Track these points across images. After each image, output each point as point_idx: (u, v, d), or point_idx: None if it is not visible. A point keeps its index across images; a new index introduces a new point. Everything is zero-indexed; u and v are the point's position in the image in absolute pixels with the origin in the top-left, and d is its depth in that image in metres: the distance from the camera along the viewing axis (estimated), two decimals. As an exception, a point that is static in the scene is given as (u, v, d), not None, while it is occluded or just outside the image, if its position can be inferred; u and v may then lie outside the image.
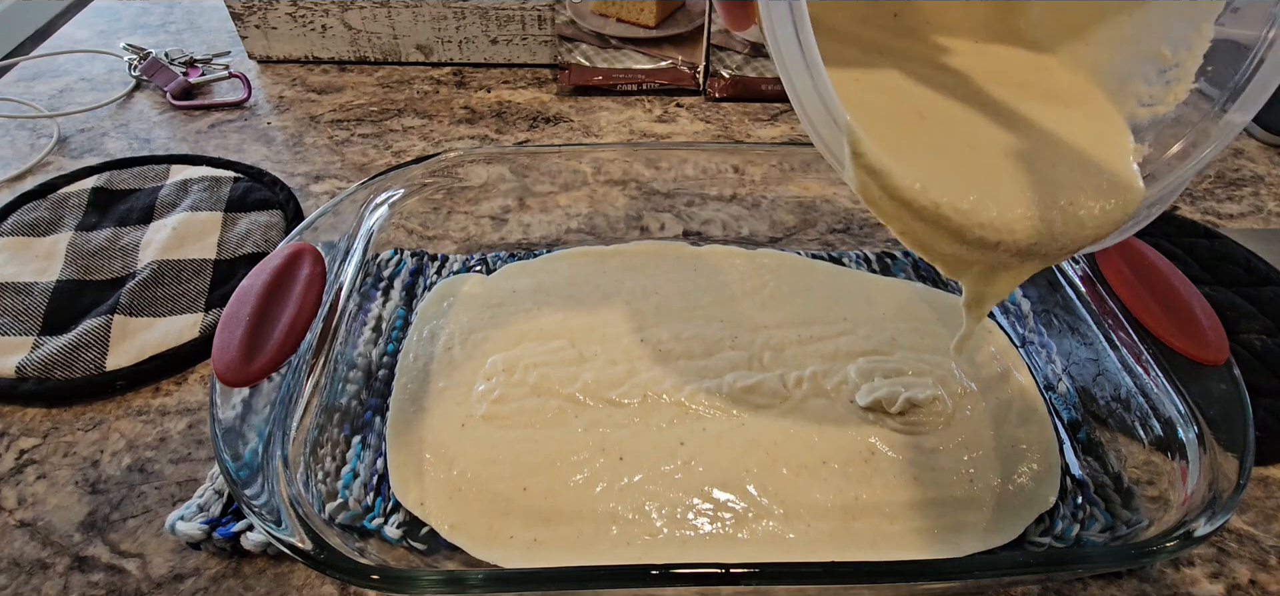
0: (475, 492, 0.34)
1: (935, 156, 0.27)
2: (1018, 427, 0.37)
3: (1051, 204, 0.26)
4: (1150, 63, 0.29)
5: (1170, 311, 0.34)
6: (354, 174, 0.57)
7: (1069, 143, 0.28)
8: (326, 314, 0.35)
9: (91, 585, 0.33)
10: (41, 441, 0.39)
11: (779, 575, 0.26)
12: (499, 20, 0.67)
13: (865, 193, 0.25)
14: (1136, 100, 0.29)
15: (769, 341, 0.42)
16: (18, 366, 0.41)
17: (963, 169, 0.27)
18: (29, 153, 0.59)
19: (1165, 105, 0.28)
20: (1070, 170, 0.27)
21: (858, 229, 0.50)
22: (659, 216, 0.49)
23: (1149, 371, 0.34)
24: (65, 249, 0.48)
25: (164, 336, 0.43)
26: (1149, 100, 0.29)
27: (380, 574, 0.27)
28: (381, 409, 0.38)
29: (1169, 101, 0.28)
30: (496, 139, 0.61)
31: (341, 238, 0.39)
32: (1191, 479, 0.30)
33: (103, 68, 0.70)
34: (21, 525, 0.35)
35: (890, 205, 0.25)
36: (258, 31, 0.68)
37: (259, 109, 0.64)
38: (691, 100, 0.66)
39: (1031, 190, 0.26)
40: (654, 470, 0.35)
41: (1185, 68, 0.27)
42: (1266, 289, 0.46)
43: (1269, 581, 0.34)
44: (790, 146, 0.48)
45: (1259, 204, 0.56)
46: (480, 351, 0.41)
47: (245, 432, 0.30)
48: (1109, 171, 0.27)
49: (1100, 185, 0.27)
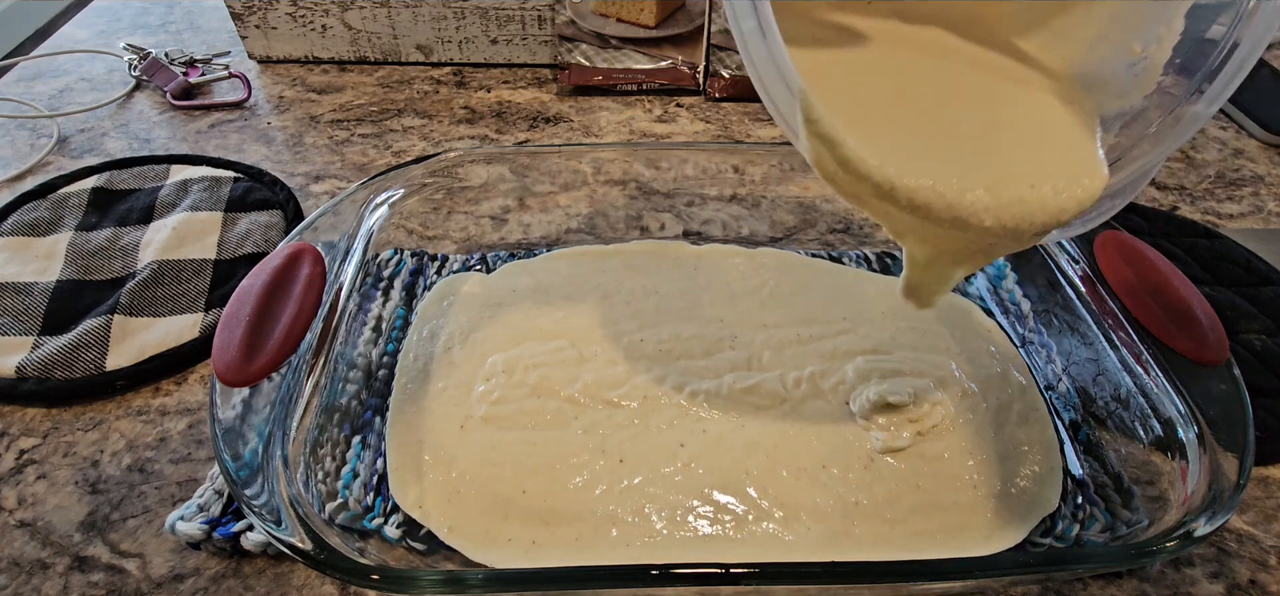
0: (474, 494, 0.34)
1: (898, 133, 0.27)
2: (1018, 428, 0.37)
3: (1011, 186, 0.26)
4: (1121, 56, 0.29)
5: (1170, 311, 0.34)
6: (354, 174, 0.57)
7: (1036, 128, 0.29)
8: (326, 314, 0.35)
9: (91, 585, 0.33)
10: (41, 441, 0.39)
11: (779, 575, 0.26)
12: (499, 20, 0.67)
13: (821, 165, 0.25)
14: (1107, 91, 0.30)
15: (769, 341, 0.42)
16: (18, 366, 0.41)
17: (926, 147, 0.27)
18: (29, 152, 0.59)
19: (1132, 98, 0.28)
20: (1034, 154, 0.27)
21: (858, 229, 0.50)
22: (659, 216, 0.49)
23: (1149, 371, 0.34)
24: (65, 249, 0.48)
25: (164, 336, 0.43)
26: (1118, 92, 0.29)
27: (380, 574, 0.27)
28: (381, 409, 0.38)
29: (1136, 94, 0.28)
30: (496, 139, 0.61)
31: (341, 237, 0.39)
32: (1191, 479, 0.30)
33: (103, 68, 0.70)
34: (21, 525, 0.35)
35: (848, 180, 0.25)
36: (258, 31, 0.68)
37: (259, 109, 0.64)
38: (691, 100, 0.66)
39: (993, 172, 0.26)
40: (654, 472, 0.35)
41: (1154, 61, 0.28)
42: (1266, 289, 0.46)
43: (1269, 581, 0.34)
44: (790, 146, 0.48)
45: (1259, 204, 0.56)
46: (480, 351, 0.41)
47: (245, 432, 0.30)
48: (1073, 158, 0.27)
49: (1064, 171, 0.27)
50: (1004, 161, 0.27)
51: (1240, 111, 0.64)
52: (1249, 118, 0.63)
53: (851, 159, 0.24)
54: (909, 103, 0.29)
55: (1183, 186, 0.57)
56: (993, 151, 0.27)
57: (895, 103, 0.29)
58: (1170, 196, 0.56)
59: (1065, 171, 0.27)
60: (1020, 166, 0.27)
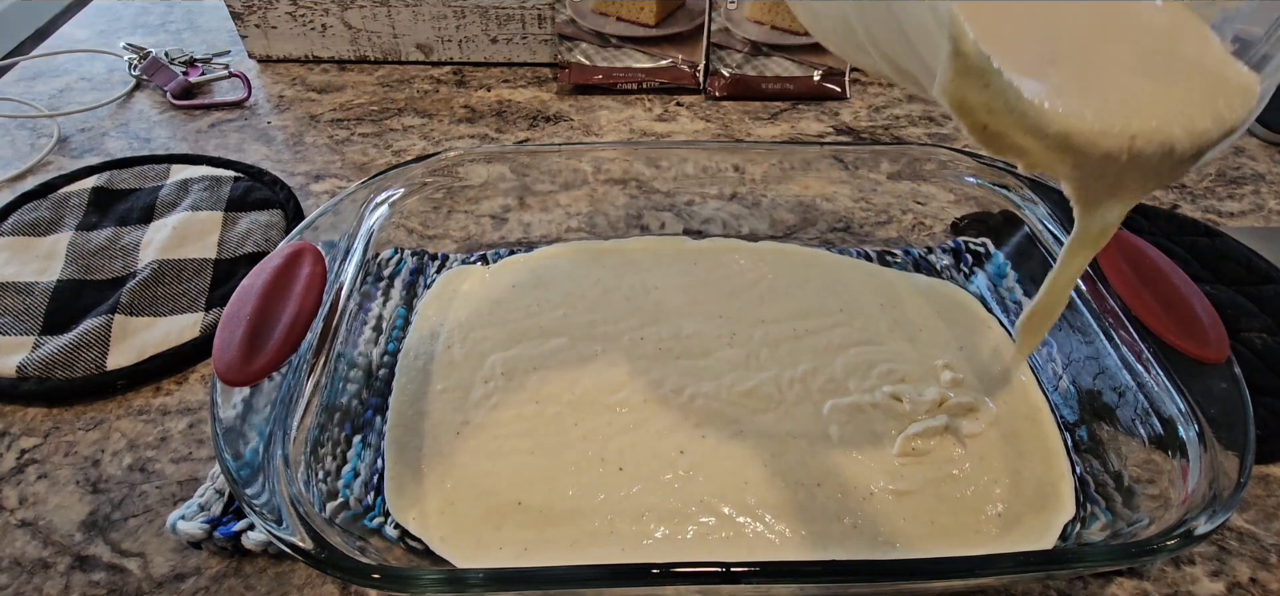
0: (469, 504, 0.34)
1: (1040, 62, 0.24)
2: (1020, 425, 0.37)
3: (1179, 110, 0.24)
4: None
5: (1171, 310, 0.34)
6: (354, 173, 0.57)
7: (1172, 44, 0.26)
8: (327, 313, 0.35)
9: (92, 584, 0.33)
10: (42, 441, 0.39)
11: (779, 574, 0.26)
12: (499, 19, 0.67)
13: (959, 102, 0.22)
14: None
15: (767, 337, 0.42)
16: (18, 366, 0.41)
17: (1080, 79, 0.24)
18: (29, 152, 0.59)
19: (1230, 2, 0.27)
20: (1188, 72, 0.25)
21: (858, 228, 0.50)
22: (659, 215, 0.49)
23: (1150, 370, 0.34)
24: (66, 248, 0.48)
25: (164, 336, 0.43)
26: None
27: (381, 573, 0.27)
28: (382, 408, 0.38)
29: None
30: (497, 138, 0.61)
31: (342, 237, 0.39)
32: (1192, 477, 0.30)
33: (103, 67, 0.70)
34: (23, 524, 0.35)
35: (988, 117, 0.22)
36: (258, 31, 0.68)
37: (259, 108, 0.64)
38: (691, 99, 0.66)
39: (1156, 97, 0.24)
40: (653, 480, 0.35)
41: None
42: (1267, 287, 0.46)
43: (1269, 579, 0.34)
44: (790, 145, 0.48)
45: (1259, 202, 0.56)
46: (479, 351, 0.41)
47: (246, 432, 0.30)
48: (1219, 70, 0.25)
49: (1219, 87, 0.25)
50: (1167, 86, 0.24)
51: (1241, 109, 0.64)
52: (1250, 116, 0.63)
53: (1009, 95, 0.21)
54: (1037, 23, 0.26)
55: (1183, 185, 0.57)
56: (1152, 76, 0.25)
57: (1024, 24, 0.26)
58: (1171, 195, 0.56)
59: (1220, 87, 0.25)
60: (1185, 88, 0.24)
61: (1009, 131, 0.22)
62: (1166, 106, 0.24)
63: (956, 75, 0.21)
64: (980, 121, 0.22)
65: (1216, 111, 0.24)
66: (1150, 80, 0.24)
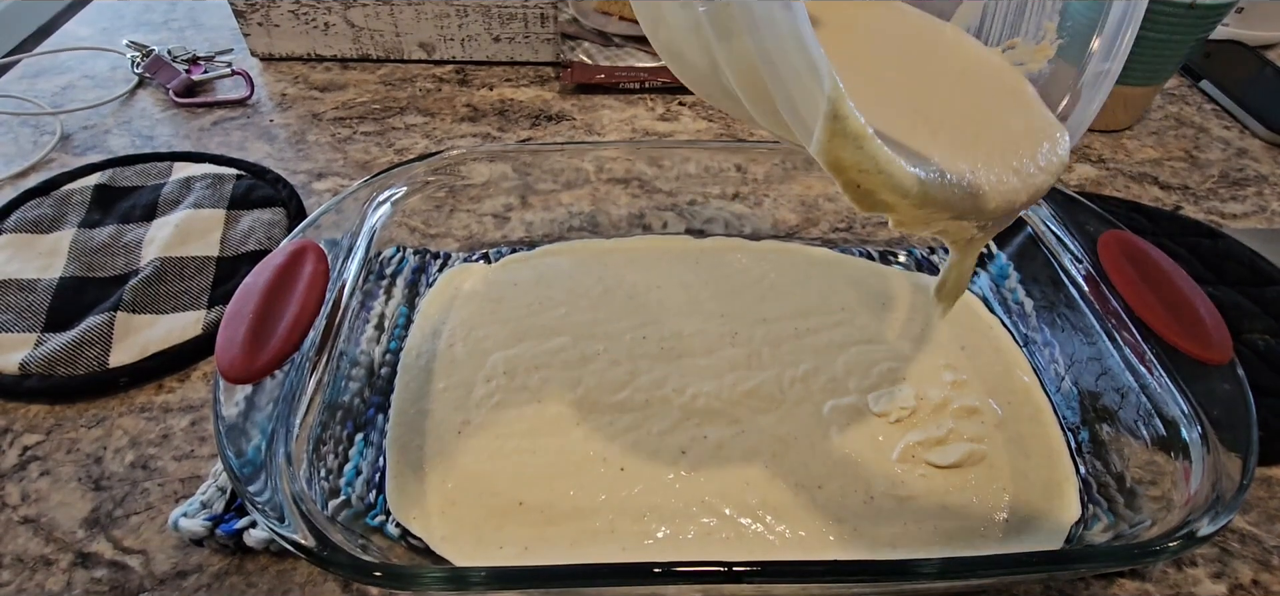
0: (470, 504, 0.34)
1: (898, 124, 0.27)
2: (1024, 426, 0.37)
3: (1009, 164, 0.27)
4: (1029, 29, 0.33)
5: (1174, 311, 0.34)
6: (356, 172, 0.57)
7: (997, 102, 0.30)
8: (329, 311, 0.35)
9: (95, 581, 0.33)
10: (45, 438, 0.39)
11: (782, 574, 0.26)
12: (501, 18, 0.67)
13: (837, 164, 0.23)
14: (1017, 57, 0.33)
15: (768, 337, 0.42)
16: (21, 363, 0.41)
17: (925, 138, 0.27)
18: (32, 150, 0.59)
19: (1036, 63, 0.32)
20: (1010, 128, 0.29)
21: (861, 227, 0.50)
22: (662, 215, 0.49)
23: (1152, 371, 0.34)
24: (68, 246, 0.48)
25: (167, 333, 0.43)
26: (1020, 61, 0.33)
27: (383, 571, 0.27)
28: (384, 406, 0.38)
29: (1038, 59, 0.32)
30: (499, 137, 0.61)
31: (344, 235, 0.39)
32: (1194, 479, 0.30)
33: (105, 65, 0.70)
34: (25, 521, 0.35)
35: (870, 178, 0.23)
36: (260, 29, 0.68)
37: (261, 106, 0.64)
38: (694, 98, 0.66)
39: (991, 156, 0.27)
40: (655, 480, 0.35)
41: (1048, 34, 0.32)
42: (1270, 289, 0.46)
43: (1271, 581, 0.34)
44: (792, 145, 0.48)
45: (1263, 204, 0.56)
46: (481, 349, 0.41)
47: (248, 429, 0.30)
48: (1041, 125, 0.29)
49: (1041, 140, 0.28)
50: (991, 141, 0.28)
51: (1244, 111, 0.64)
52: (1253, 117, 0.63)
53: (880, 158, 0.23)
54: (886, 88, 0.29)
55: (1186, 186, 0.57)
56: (983, 136, 0.28)
57: (878, 90, 0.29)
58: (1174, 196, 0.56)
59: (1043, 140, 0.28)
60: (1006, 144, 0.28)
61: (878, 190, 0.24)
62: (1002, 168, 0.27)
63: (833, 137, 0.22)
64: (853, 180, 0.23)
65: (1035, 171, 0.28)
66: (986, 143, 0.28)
